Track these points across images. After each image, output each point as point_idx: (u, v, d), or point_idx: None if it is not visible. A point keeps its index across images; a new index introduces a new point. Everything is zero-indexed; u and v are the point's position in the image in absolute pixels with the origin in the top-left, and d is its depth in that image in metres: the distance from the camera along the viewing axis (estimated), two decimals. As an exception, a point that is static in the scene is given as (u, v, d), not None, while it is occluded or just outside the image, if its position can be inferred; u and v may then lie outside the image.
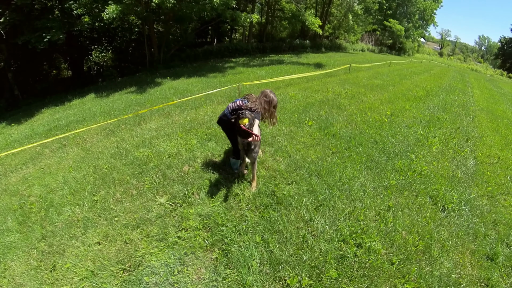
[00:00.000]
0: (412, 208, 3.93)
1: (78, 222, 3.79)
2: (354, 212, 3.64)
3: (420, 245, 3.26)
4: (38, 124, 10.15)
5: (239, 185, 3.90)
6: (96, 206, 4.05)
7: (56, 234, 3.64)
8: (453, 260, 3.19)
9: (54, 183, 5.07)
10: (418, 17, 48.26)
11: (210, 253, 2.88)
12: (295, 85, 11.08)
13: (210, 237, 3.06)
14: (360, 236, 3.25)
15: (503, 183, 5.13)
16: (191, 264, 2.76)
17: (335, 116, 7.21)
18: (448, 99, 11.24)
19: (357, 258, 2.97)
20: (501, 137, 7.83)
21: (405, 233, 3.44)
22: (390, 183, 4.42)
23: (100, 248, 3.22)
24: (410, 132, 6.69)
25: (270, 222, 3.29)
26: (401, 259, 3.05)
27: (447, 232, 3.58)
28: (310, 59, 21.54)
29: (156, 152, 5.20)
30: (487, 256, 3.35)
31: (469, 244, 3.48)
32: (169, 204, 3.66)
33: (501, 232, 3.79)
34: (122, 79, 16.19)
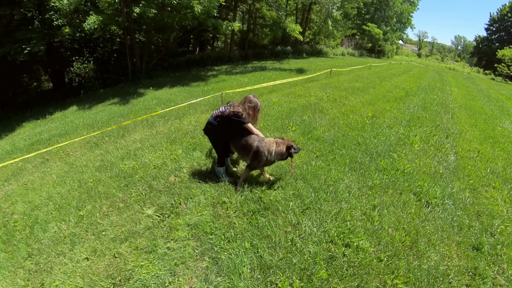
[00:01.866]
0: (397, 206, 4.04)
1: (65, 238, 3.75)
2: (341, 213, 3.72)
3: (406, 241, 3.36)
4: (19, 139, 9.95)
5: (225, 192, 3.95)
6: (83, 221, 4.02)
7: (42, 252, 3.59)
8: (440, 252, 3.29)
9: (38, 200, 5.00)
10: (395, 21, 49.93)
11: (200, 262, 2.91)
12: (278, 91, 11.21)
13: (199, 246, 3.09)
14: (347, 236, 3.32)
15: (483, 175, 5.36)
16: (182, 275, 2.78)
17: (318, 120, 7.35)
18: (427, 98, 11.59)
19: (346, 258, 3.04)
20: (480, 131, 8.17)
21: (392, 230, 3.53)
22: (374, 182, 4.54)
23: (88, 264, 3.20)
24: (391, 132, 6.88)
25: (258, 227, 3.34)
26: (389, 255, 3.14)
27: (433, 226, 3.71)
28: (292, 64, 21.83)
29: (141, 164, 5.20)
30: (472, 247, 3.48)
31: (455, 236, 3.61)
32: (156, 216, 3.68)
33: (485, 223, 3.95)
34: (105, 90, 15.97)
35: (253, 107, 3.96)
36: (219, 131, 4.02)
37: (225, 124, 3.93)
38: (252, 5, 26.46)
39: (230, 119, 3.86)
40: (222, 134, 4.08)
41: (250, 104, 3.96)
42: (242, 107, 3.91)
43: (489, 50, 52.72)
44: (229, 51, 24.56)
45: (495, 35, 55.28)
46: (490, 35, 56.30)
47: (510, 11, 51.74)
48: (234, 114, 3.83)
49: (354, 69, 20.89)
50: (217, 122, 3.96)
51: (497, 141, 7.60)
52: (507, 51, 41.99)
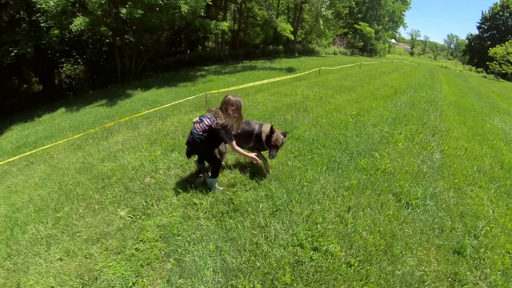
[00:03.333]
0: (374, 207, 3.89)
1: (42, 239, 3.80)
2: (312, 215, 3.61)
3: (381, 245, 3.22)
4: (7, 142, 9.97)
5: (197, 194, 3.95)
6: (60, 222, 4.07)
7: (20, 253, 3.65)
8: (417, 257, 3.15)
9: (20, 202, 5.05)
10: (387, 19, 50.14)
11: (165, 264, 2.93)
12: (265, 90, 11.25)
13: (166, 248, 3.11)
14: (317, 239, 3.21)
15: (469, 174, 5.23)
16: (146, 276, 2.82)
17: (301, 119, 7.36)
18: (416, 96, 11.52)
19: (314, 262, 2.93)
20: (468, 129, 8.08)
21: (366, 233, 3.39)
22: (351, 183, 4.38)
23: (61, 264, 3.26)
24: (375, 131, 6.79)
25: (225, 230, 3.31)
26: (360, 260, 3.00)
27: (411, 229, 3.55)
28: (282, 64, 21.93)
29: (120, 166, 5.25)
30: (454, 250, 3.33)
31: (435, 239, 3.46)
32: (129, 217, 3.73)
33: (468, 224, 3.81)
34: (94, 91, 15.98)
35: (236, 108, 3.74)
36: (211, 142, 3.81)
37: (215, 135, 3.69)
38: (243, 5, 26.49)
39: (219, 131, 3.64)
40: (215, 143, 3.89)
41: (233, 107, 3.72)
42: (225, 115, 3.67)
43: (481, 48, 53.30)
44: (220, 50, 24.63)
45: (487, 33, 55.95)
46: (482, 33, 57.00)
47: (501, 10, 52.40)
48: (223, 127, 3.61)
49: (344, 68, 21.02)
50: (205, 137, 3.73)
51: (485, 138, 7.53)
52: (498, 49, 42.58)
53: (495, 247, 3.45)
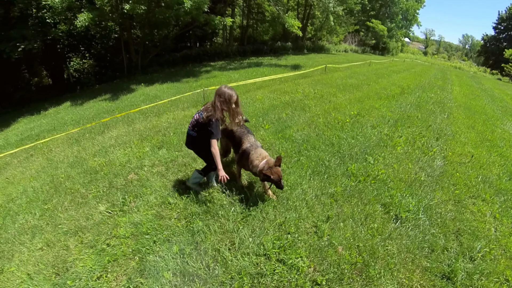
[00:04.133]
0: (357, 219, 3.56)
1: (28, 229, 3.97)
2: (285, 223, 3.37)
3: (357, 263, 2.94)
4: (12, 134, 10.25)
5: (174, 193, 3.97)
6: (46, 214, 4.23)
7: (8, 241, 3.83)
8: (397, 280, 2.82)
9: (15, 193, 5.23)
10: (401, 17, 49.12)
11: (130, 261, 2.98)
12: (266, 87, 11.18)
13: (134, 245, 3.15)
14: (285, 251, 3.01)
15: (473, 185, 4.72)
16: (111, 271, 2.90)
17: (296, 118, 7.23)
18: (424, 97, 11.09)
19: (276, 276, 2.75)
20: (477, 133, 7.56)
21: (342, 248, 3.10)
22: (336, 190, 4.08)
23: (41, 254, 3.42)
24: (373, 133, 6.46)
25: (192, 232, 3.26)
26: (330, 279, 2.76)
27: (396, 247, 3.19)
28: (289, 61, 21.81)
29: (108, 161, 5.36)
30: (443, 275, 2.97)
31: (422, 260, 3.09)
32: (107, 212, 3.82)
33: (464, 244, 3.39)
34: (100, 86, 16.30)
35: (224, 100, 3.34)
36: (203, 139, 3.52)
37: (205, 130, 3.45)
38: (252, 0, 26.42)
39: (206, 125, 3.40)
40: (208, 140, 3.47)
41: (221, 99, 3.35)
42: (213, 107, 3.38)
43: (497, 50, 51.67)
44: (227, 46, 24.65)
45: (503, 34, 54.22)
46: (498, 34, 55.25)
47: (519, 10, 50.73)
48: (209, 120, 3.34)
49: (352, 66, 20.74)
50: (196, 133, 3.55)
51: (495, 144, 7.01)
52: (515, 51, 41.22)
53: (492, 273, 3.02)
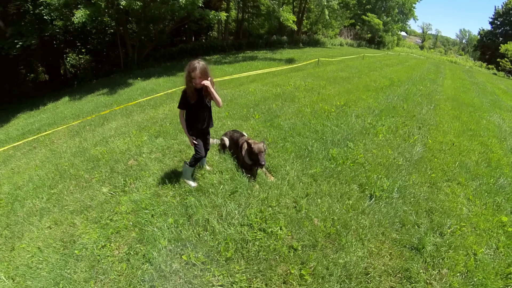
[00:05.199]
0: (334, 196, 3.84)
1: (37, 211, 4.35)
2: (268, 198, 3.68)
3: (331, 233, 3.21)
4: (13, 129, 10.57)
5: (170, 175, 4.34)
6: (53, 197, 4.61)
7: (18, 223, 4.21)
8: (367, 249, 3.06)
9: (21, 181, 5.59)
10: (397, 11, 49.09)
11: (131, 232, 3.38)
12: (259, 80, 11.55)
13: (134, 219, 3.54)
14: (266, 221, 3.31)
15: (450, 169, 4.97)
16: (114, 241, 3.30)
17: (286, 108, 7.57)
18: (413, 89, 11.27)
19: (258, 242, 3.05)
20: (461, 123, 7.77)
21: (318, 220, 3.39)
22: (315, 171, 4.37)
23: (50, 231, 3.80)
24: (357, 121, 6.71)
25: (185, 206, 3.60)
26: (304, 245, 3.05)
27: (368, 220, 3.44)
28: (284, 54, 22.09)
29: (109, 149, 5.73)
30: (411, 246, 3.17)
31: (392, 233, 3.33)
32: (110, 193, 4.22)
33: (435, 221, 3.60)
34: (97, 80, 16.58)
35: (187, 73, 3.38)
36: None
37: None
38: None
39: None
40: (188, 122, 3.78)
41: (185, 73, 3.43)
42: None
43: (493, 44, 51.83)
44: (223, 40, 24.90)
45: (499, 29, 54.48)
46: (494, 29, 55.47)
47: (515, 5, 50.90)
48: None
49: (345, 59, 21.01)
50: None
51: (477, 134, 7.18)
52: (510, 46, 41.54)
53: (460, 246, 3.21)
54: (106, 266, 2.98)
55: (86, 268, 3.02)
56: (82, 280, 2.89)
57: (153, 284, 2.65)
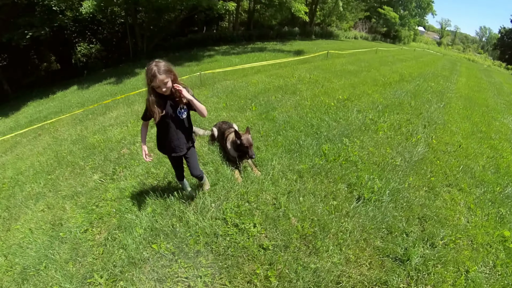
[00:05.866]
0: (318, 195, 3.63)
1: (33, 195, 4.59)
2: (247, 193, 3.59)
3: (308, 234, 3.05)
4: (22, 117, 10.93)
5: (157, 165, 4.41)
6: (49, 183, 4.83)
7: (16, 206, 4.45)
8: (345, 255, 2.85)
9: (23, 167, 5.83)
10: (415, 5, 47.43)
11: (113, 219, 3.51)
12: (264, 72, 11.41)
13: (117, 207, 3.68)
14: (241, 217, 3.23)
15: (453, 174, 4.54)
16: (96, 226, 3.45)
17: (285, 101, 7.43)
18: (423, 86, 10.65)
19: (229, 237, 3.00)
20: (472, 124, 7.21)
21: (296, 220, 3.23)
22: (302, 167, 4.18)
23: (42, 214, 4.02)
24: (357, 117, 6.39)
25: (164, 197, 3.62)
26: (277, 245, 2.92)
27: (351, 224, 3.20)
28: (294, 46, 21.79)
29: (106, 138, 5.89)
30: (395, 257, 2.90)
31: (376, 240, 3.06)
32: (100, 180, 4.38)
33: (427, 230, 3.26)
34: (106, 70, 16.87)
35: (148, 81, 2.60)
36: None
37: None
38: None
39: None
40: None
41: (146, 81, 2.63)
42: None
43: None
44: (233, 31, 24.79)
45: (520, 27, 52.16)
46: (515, 27, 53.17)
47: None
48: None
49: (357, 53, 20.52)
50: None
51: (487, 136, 6.63)
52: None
53: (451, 261, 2.90)
54: (86, 249, 3.12)
55: (68, 250, 3.17)
56: (63, 261, 3.04)
57: (122, 270, 2.75)
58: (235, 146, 3.98)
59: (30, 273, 2.98)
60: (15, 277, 3.02)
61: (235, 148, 3.99)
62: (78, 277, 2.80)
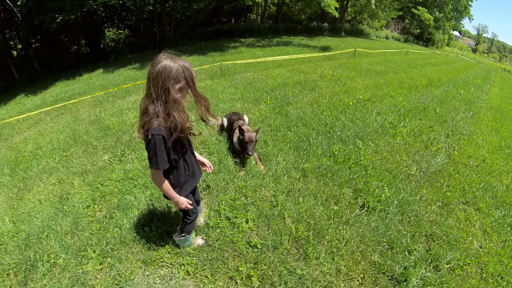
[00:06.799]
0: (319, 197, 3.48)
1: (48, 170, 4.81)
2: (245, 188, 3.55)
3: (301, 237, 2.93)
4: (49, 96, 11.40)
5: None
6: (63, 159, 5.04)
7: (31, 178, 4.69)
8: (336, 265, 2.71)
9: (43, 142, 6.10)
10: (451, 7, 45.16)
11: (114, 198, 3.61)
12: (286, 66, 11.26)
13: (119, 187, 3.79)
14: (235, 210, 3.20)
15: (472, 190, 4.18)
16: (98, 204, 3.58)
17: (301, 97, 7.31)
18: (452, 92, 10.10)
19: (219, 230, 3.01)
20: (500, 138, 6.72)
21: (291, 221, 3.13)
22: (308, 166, 4.05)
23: (53, 188, 4.21)
24: (376, 119, 6.14)
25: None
26: (265, 244, 2.84)
27: (349, 233, 3.03)
28: (321, 42, 21.37)
29: (121, 121, 6.04)
30: (392, 276, 2.70)
31: (374, 254, 2.87)
32: (109, 161, 4.52)
33: (433, 250, 3.00)
34: (132, 55, 17.27)
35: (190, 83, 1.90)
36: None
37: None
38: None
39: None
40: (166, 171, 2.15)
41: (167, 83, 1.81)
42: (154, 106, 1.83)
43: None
44: (260, 24, 24.65)
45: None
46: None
47: None
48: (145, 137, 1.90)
49: (386, 53, 19.89)
50: None
51: None
52: None
53: None
54: (85, 224, 3.25)
55: (69, 223, 3.31)
56: (63, 232, 3.18)
57: (113, 247, 2.84)
58: (239, 141, 3.97)
59: (33, 240, 3.14)
60: (19, 243, 3.18)
61: (239, 143, 3.98)
62: (73, 248, 2.92)
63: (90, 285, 2.57)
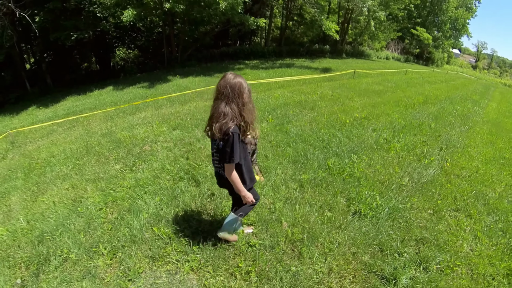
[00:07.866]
0: (314, 205, 3.70)
1: (61, 176, 5.21)
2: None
3: (295, 240, 3.11)
4: (60, 109, 11.95)
5: (172, 162, 4.92)
6: (76, 167, 5.45)
7: (45, 182, 5.09)
8: (328, 265, 2.87)
9: (56, 151, 6.53)
10: (449, 26, 46.34)
11: (125, 202, 3.93)
12: (287, 87, 11.74)
13: (130, 193, 4.11)
14: None
15: (463, 198, 4.33)
16: (110, 207, 3.90)
17: (301, 115, 7.68)
18: (448, 108, 10.40)
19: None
20: (494, 150, 6.92)
21: (287, 225, 3.33)
22: (304, 177, 4.28)
23: (66, 192, 4.57)
24: (371, 135, 6.41)
25: (172, 189, 4.05)
26: (264, 244, 3.03)
27: (342, 236, 3.21)
28: (322, 64, 21.95)
29: (132, 135, 6.47)
30: (382, 275, 2.82)
31: (365, 256, 3.02)
32: (120, 170, 4.90)
33: (423, 253, 3.12)
34: (141, 75, 17.97)
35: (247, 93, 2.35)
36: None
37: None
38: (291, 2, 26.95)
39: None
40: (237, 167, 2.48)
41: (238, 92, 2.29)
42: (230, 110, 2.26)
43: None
44: (264, 46, 25.47)
45: None
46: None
47: None
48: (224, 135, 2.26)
49: (386, 73, 20.31)
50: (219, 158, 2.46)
51: (510, 163, 6.25)
52: None
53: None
54: (97, 224, 3.57)
55: (82, 223, 3.64)
56: (77, 231, 3.50)
57: (124, 244, 3.14)
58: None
59: (47, 237, 3.45)
60: (33, 239, 3.49)
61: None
62: (86, 245, 3.22)
63: (100, 277, 2.83)
